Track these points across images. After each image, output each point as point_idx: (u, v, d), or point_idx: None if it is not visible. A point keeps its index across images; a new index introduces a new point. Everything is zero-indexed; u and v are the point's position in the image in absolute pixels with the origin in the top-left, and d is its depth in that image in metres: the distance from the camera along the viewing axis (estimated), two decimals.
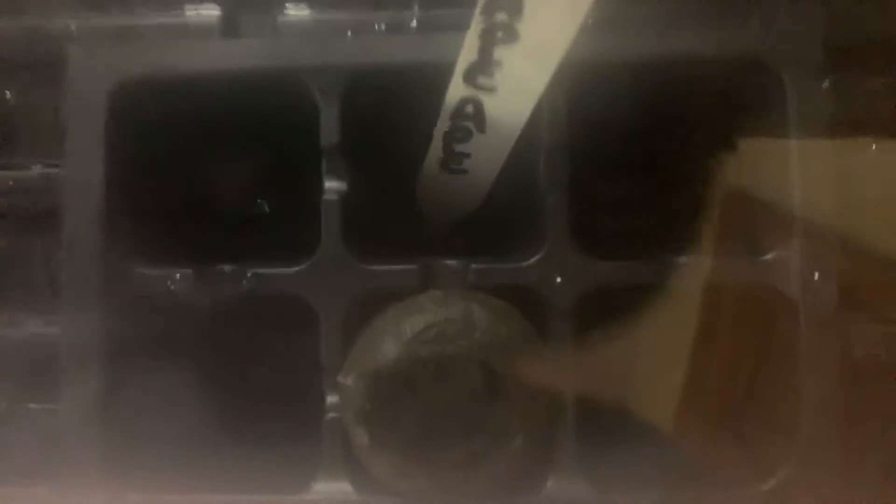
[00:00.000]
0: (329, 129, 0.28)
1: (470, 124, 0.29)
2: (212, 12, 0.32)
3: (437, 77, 0.27)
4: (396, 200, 0.32)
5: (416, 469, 0.26)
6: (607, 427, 0.28)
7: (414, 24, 0.33)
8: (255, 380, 0.35)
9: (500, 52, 0.26)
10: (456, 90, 0.27)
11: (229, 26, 0.32)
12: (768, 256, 0.28)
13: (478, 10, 0.25)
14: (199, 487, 0.28)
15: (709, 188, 0.30)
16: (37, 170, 0.34)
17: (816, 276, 0.27)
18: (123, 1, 0.33)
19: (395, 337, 0.26)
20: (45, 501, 0.28)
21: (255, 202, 0.36)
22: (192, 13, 0.32)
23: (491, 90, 0.27)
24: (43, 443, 0.32)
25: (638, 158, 0.32)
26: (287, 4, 0.32)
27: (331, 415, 0.28)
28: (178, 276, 0.28)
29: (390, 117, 0.31)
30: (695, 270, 0.28)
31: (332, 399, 0.28)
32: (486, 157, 0.29)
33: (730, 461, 0.28)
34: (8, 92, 0.33)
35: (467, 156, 0.30)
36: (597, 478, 0.27)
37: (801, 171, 0.27)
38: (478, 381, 0.26)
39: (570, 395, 0.27)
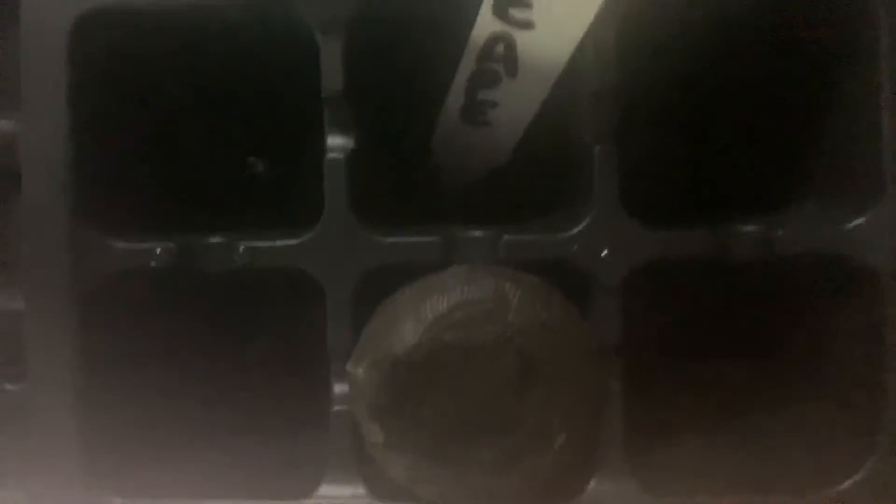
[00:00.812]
0: (331, 73, 0.24)
1: (499, 67, 0.25)
2: None
3: (461, 7, 0.23)
4: (413, 159, 0.28)
5: (440, 472, 0.23)
6: (659, 422, 0.25)
7: None
8: (251, 368, 0.32)
9: None
10: (484, 26, 0.24)
11: None
12: (851, 224, 0.24)
13: None
14: (191, 492, 0.25)
15: (781, 142, 0.25)
16: (5, 124, 0.30)
17: None
18: None
19: (414, 320, 0.23)
20: None
21: (246, 161, 0.32)
22: None
23: (526, 25, 0.23)
24: (14, 433, 0.28)
25: (701, 106, 0.28)
26: None
27: (338, 407, 0.25)
28: (159, 250, 0.25)
29: (404, 58, 0.28)
30: (762, 240, 0.24)
31: (340, 389, 0.25)
32: (516, 106, 0.26)
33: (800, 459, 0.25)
34: None
35: (493, 105, 0.26)
36: (646, 479, 0.24)
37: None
38: (512, 370, 0.23)
39: (617, 385, 0.24)
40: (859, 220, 0.24)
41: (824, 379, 0.26)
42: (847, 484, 0.24)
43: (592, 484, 0.24)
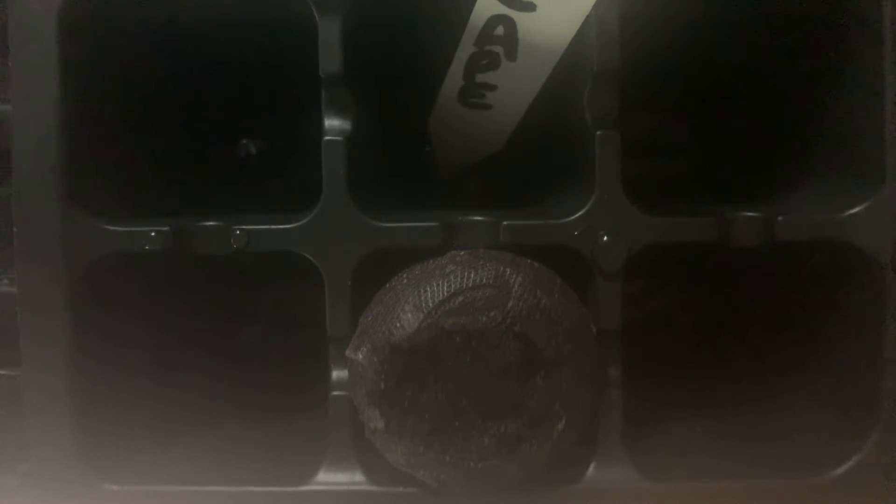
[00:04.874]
0: (329, 53, 0.24)
1: (498, 49, 0.25)
2: None
3: None
4: (413, 141, 0.28)
5: (440, 458, 0.23)
6: (657, 408, 0.25)
7: None
8: (247, 353, 0.31)
9: None
10: (484, 7, 0.23)
11: None
12: (852, 211, 0.24)
13: None
14: (187, 478, 0.25)
15: (783, 128, 0.25)
16: None
17: None
18: None
19: (414, 306, 0.23)
20: (12, 493, 0.25)
21: (241, 143, 0.32)
22: None
23: (528, 7, 0.23)
24: (7, 418, 0.28)
25: (707, 91, 0.27)
26: None
27: (337, 393, 0.24)
28: (153, 233, 0.24)
29: (403, 39, 0.27)
30: (765, 226, 0.24)
31: (338, 374, 0.25)
32: (515, 89, 0.26)
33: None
34: None
35: (492, 87, 0.26)
36: (644, 464, 0.24)
37: None
38: (513, 356, 0.23)
39: (616, 371, 0.24)
40: (860, 207, 0.24)
41: (821, 365, 0.27)
42: (842, 469, 0.24)
43: (591, 469, 0.24)
